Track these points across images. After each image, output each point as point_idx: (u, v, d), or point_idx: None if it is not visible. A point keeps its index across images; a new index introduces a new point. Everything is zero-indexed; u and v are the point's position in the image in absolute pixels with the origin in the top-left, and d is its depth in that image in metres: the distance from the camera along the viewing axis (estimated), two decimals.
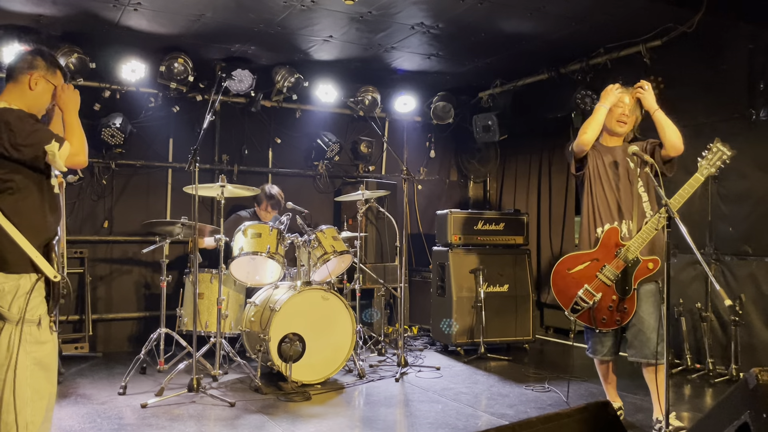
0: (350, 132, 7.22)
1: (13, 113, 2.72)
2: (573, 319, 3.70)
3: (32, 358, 2.69)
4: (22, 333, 2.65)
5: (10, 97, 2.82)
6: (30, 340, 2.69)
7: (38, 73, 2.85)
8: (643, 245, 3.54)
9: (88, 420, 3.89)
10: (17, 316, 2.64)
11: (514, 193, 7.58)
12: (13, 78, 2.86)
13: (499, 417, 4.06)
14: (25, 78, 2.84)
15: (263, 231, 4.90)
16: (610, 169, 3.72)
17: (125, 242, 6.13)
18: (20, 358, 2.66)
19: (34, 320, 2.69)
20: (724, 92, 5.16)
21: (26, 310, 2.66)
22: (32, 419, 2.67)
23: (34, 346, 2.70)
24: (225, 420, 3.93)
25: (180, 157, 6.33)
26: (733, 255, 5.07)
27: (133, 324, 6.15)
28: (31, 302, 2.68)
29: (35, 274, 2.71)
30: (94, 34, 5.33)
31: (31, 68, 2.85)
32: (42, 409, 2.72)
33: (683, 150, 3.57)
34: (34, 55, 2.88)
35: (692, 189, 3.44)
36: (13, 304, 2.66)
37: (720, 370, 4.98)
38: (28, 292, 2.67)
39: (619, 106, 3.73)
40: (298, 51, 5.86)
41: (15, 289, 2.66)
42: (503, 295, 6.07)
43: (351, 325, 4.87)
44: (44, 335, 2.74)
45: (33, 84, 2.84)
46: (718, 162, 3.44)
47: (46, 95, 2.92)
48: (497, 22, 5.12)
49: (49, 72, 2.89)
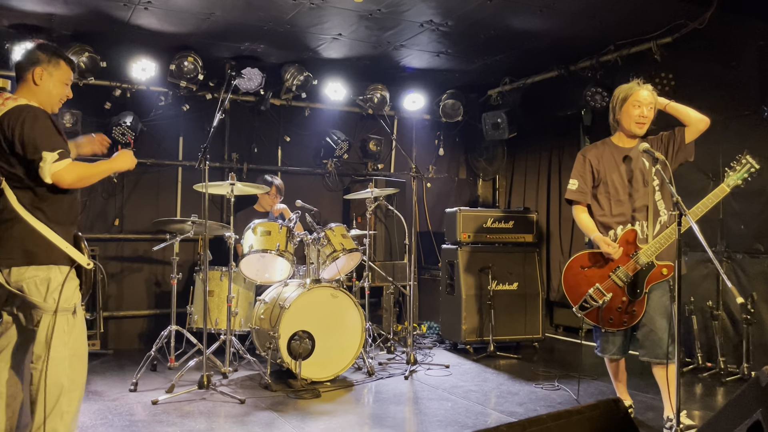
0: (359, 130, 7.23)
1: (33, 112, 2.75)
2: (580, 316, 3.69)
3: (69, 348, 2.75)
4: (57, 323, 2.70)
5: (22, 95, 2.85)
6: (66, 330, 2.74)
7: (40, 67, 2.86)
8: (659, 251, 3.50)
9: (99, 416, 3.92)
10: (53, 306, 2.70)
11: (523, 191, 7.56)
12: (21, 77, 2.89)
13: (509, 415, 4.06)
14: (29, 74, 2.86)
15: (273, 229, 4.92)
16: (624, 171, 3.65)
17: (136, 240, 6.17)
18: (58, 349, 2.71)
19: (69, 309, 2.75)
20: (735, 89, 5.12)
21: (60, 300, 2.71)
22: (68, 408, 2.74)
23: (70, 337, 2.76)
24: (235, 417, 3.95)
25: (190, 155, 6.36)
26: (745, 253, 5.04)
27: (144, 321, 6.19)
28: (65, 292, 2.72)
29: (67, 264, 2.76)
30: (104, 33, 5.36)
31: (34, 63, 2.87)
32: (76, 399, 2.78)
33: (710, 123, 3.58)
34: (34, 49, 2.90)
35: (717, 199, 3.43)
36: (48, 296, 2.71)
37: (731, 369, 4.94)
38: (61, 283, 2.72)
39: (636, 106, 3.59)
40: (307, 49, 5.86)
41: (47, 280, 2.71)
42: (512, 293, 6.06)
43: (360, 322, 4.88)
44: (79, 323, 2.79)
45: (37, 78, 2.86)
46: (745, 174, 3.44)
47: (55, 88, 2.92)
48: (506, 19, 5.10)
49: (51, 63, 2.89)
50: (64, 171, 2.70)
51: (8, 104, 2.76)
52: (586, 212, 3.77)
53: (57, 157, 2.69)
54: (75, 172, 2.75)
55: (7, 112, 2.73)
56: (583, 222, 3.75)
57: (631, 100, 3.62)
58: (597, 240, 3.62)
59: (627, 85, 3.69)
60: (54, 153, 2.68)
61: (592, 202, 3.76)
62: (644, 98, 3.60)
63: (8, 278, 2.72)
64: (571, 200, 3.81)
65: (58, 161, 2.68)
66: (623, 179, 3.65)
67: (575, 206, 3.81)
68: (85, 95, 5.66)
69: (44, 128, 2.74)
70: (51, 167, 2.66)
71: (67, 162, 2.73)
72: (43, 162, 2.66)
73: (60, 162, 2.70)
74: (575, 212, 3.81)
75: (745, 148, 3.53)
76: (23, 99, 2.80)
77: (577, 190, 3.77)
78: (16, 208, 2.70)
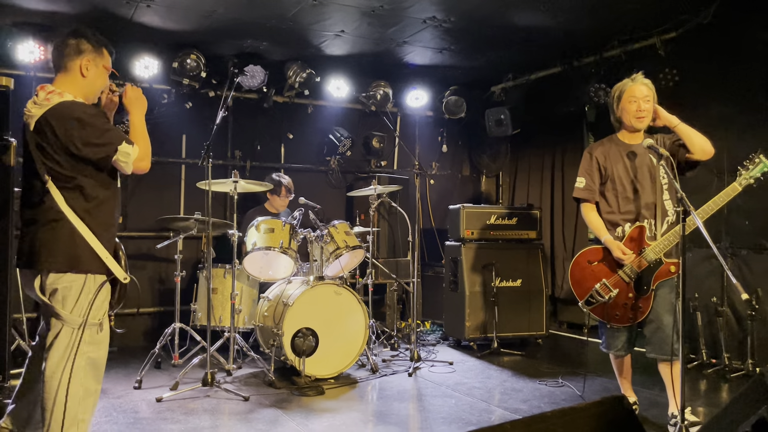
0: (362, 127, 7.22)
1: (84, 109, 2.64)
2: (586, 311, 3.68)
3: (87, 358, 2.65)
4: (83, 335, 2.59)
5: (66, 88, 2.70)
6: (89, 341, 2.63)
7: (87, 57, 2.74)
8: (667, 248, 3.48)
9: (104, 414, 3.93)
10: (79, 319, 2.59)
11: (527, 187, 7.54)
12: (63, 67, 2.73)
13: (513, 412, 4.05)
14: (75, 65, 2.73)
15: (276, 226, 4.92)
16: (630, 167, 3.63)
17: (140, 238, 6.18)
18: (79, 360, 2.61)
19: (96, 323, 2.64)
20: (739, 84, 5.09)
21: (89, 314, 2.61)
22: (83, 417, 2.65)
23: (91, 347, 2.65)
24: (239, 414, 3.96)
25: (193, 153, 6.37)
26: (750, 249, 5.02)
27: (148, 319, 6.20)
28: (95, 305, 2.62)
29: (103, 275, 2.65)
30: (107, 30, 5.31)
31: (79, 53, 2.73)
32: (90, 406, 2.70)
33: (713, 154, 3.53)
34: (78, 38, 2.74)
35: (728, 197, 3.40)
36: (75, 308, 2.60)
37: (736, 365, 4.93)
38: (94, 294, 2.61)
39: (631, 102, 3.59)
40: (310, 46, 5.86)
41: (79, 290, 2.60)
42: (516, 290, 6.05)
43: (364, 319, 4.88)
44: (103, 337, 2.69)
45: (84, 70, 2.74)
46: (758, 173, 3.40)
47: (100, 79, 2.82)
48: (509, 15, 5.09)
49: (97, 53, 2.78)
50: (139, 158, 2.68)
51: (53, 99, 2.62)
52: (595, 211, 3.74)
53: (131, 147, 2.65)
54: (145, 150, 2.72)
55: (52, 109, 2.60)
56: (592, 222, 3.72)
57: (626, 96, 3.61)
58: (609, 244, 3.58)
59: (621, 82, 3.68)
60: (125, 144, 2.63)
61: (600, 200, 3.74)
62: (638, 92, 3.58)
63: (44, 283, 2.60)
64: (578, 198, 3.80)
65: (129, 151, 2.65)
66: (630, 176, 3.63)
67: (583, 204, 3.78)
68: None
69: (104, 123, 2.66)
70: (131, 156, 2.64)
71: (136, 148, 2.69)
72: (124, 157, 2.62)
73: (134, 150, 2.67)
74: (584, 211, 3.78)
75: (750, 144, 3.50)
76: (69, 94, 2.67)
77: (584, 188, 3.75)
78: (63, 210, 2.58)
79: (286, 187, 5.85)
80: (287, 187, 5.86)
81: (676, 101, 4.22)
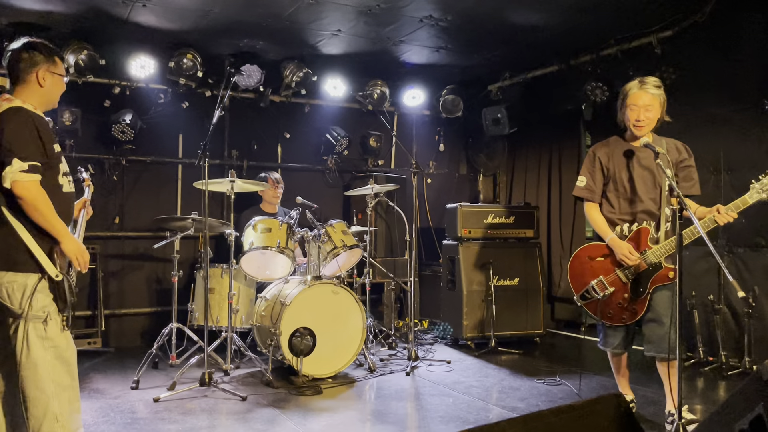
0: (359, 126, 7.21)
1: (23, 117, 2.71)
2: (580, 305, 3.68)
3: (52, 353, 2.74)
4: (29, 329, 2.69)
5: (23, 96, 2.82)
6: (43, 335, 2.72)
7: (42, 68, 2.85)
8: (669, 253, 3.47)
9: (101, 414, 3.92)
10: (25, 313, 2.69)
11: (524, 186, 7.55)
12: (20, 79, 2.85)
13: (510, 410, 4.06)
14: (32, 77, 2.84)
15: (273, 226, 4.91)
16: (633, 168, 3.62)
17: (136, 238, 6.17)
18: (39, 354, 2.70)
19: (40, 317, 2.72)
20: (736, 82, 5.09)
21: (30, 307, 2.70)
22: (60, 411, 2.74)
23: (50, 342, 2.74)
24: (237, 414, 3.95)
25: (190, 152, 6.35)
26: (747, 247, 5.03)
27: (145, 319, 6.19)
28: (36, 300, 2.70)
29: (39, 273, 2.74)
30: (103, 30, 5.35)
31: (34, 65, 2.83)
32: (66, 400, 2.77)
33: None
34: (30, 51, 2.85)
35: (737, 210, 3.39)
36: (23, 302, 2.70)
37: (733, 363, 4.94)
38: (32, 290, 2.70)
39: (633, 110, 3.54)
40: (307, 45, 5.85)
41: (23, 287, 2.70)
42: (514, 289, 6.05)
43: (361, 319, 4.88)
44: (53, 332, 2.76)
45: (41, 80, 2.85)
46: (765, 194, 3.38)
47: (57, 87, 2.92)
48: (506, 13, 5.09)
49: (50, 63, 2.88)
50: (25, 185, 2.63)
51: (2, 105, 2.72)
52: (599, 211, 3.73)
53: (26, 168, 2.64)
54: (33, 194, 2.66)
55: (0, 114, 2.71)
56: (597, 223, 3.70)
57: (628, 102, 3.58)
58: (614, 246, 3.57)
59: (630, 83, 3.62)
60: (24, 163, 2.64)
61: (602, 200, 3.74)
62: (641, 100, 3.52)
63: None
64: (578, 197, 3.79)
65: (25, 172, 2.63)
66: (632, 177, 3.62)
67: (587, 203, 3.76)
68: (85, 93, 5.66)
69: (28, 137, 2.69)
70: (15, 175, 2.62)
71: (33, 178, 2.66)
72: (10, 167, 2.62)
73: (27, 174, 2.64)
74: (587, 210, 3.76)
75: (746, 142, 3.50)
76: (18, 101, 2.77)
77: (585, 188, 3.74)
78: (3, 210, 2.69)
79: (273, 178, 5.86)
80: (274, 179, 5.88)
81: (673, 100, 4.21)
